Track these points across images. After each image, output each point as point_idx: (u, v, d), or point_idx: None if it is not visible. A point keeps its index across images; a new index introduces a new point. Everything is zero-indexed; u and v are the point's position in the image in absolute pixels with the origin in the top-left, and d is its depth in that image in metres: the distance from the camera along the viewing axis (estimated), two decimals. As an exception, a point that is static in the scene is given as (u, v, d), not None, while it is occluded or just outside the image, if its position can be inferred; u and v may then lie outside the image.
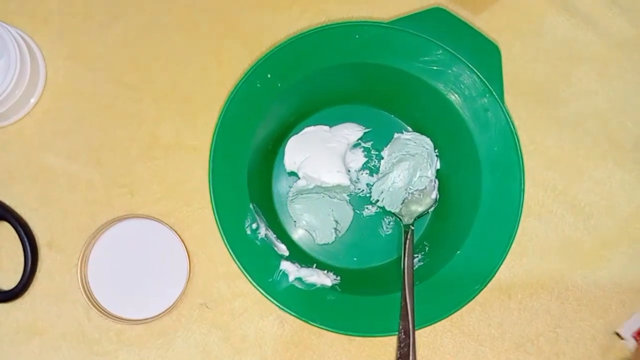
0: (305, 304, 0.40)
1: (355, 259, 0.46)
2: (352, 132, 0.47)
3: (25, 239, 0.43)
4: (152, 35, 0.47)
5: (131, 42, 0.47)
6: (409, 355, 0.40)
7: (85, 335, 0.44)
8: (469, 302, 0.41)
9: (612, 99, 0.50)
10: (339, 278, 0.43)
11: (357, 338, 0.42)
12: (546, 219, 0.48)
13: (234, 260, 0.40)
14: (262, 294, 0.40)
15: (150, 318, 0.43)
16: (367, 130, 0.47)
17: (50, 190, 0.45)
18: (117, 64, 0.47)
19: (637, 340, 0.46)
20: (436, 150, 0.46)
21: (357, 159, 0.47)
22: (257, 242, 0.41)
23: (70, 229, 0.45)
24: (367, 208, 0.47)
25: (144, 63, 0.47)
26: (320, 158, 0.45)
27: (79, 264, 0.44)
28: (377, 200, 0.46)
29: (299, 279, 0.41)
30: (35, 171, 0.45)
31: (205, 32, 0.47)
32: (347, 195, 0.47)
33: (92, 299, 0.43)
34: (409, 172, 0.46)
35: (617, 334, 0.47)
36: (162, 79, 0.47)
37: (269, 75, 0.42)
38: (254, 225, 0.41)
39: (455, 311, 0.41)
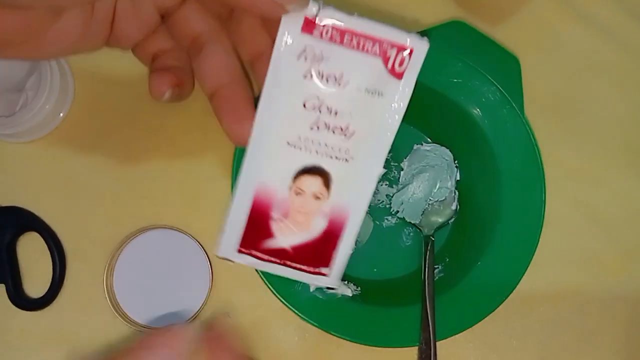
0: (326, 314, 0.41)
1: (375, 270, 0.46)
2: (371, 144, 0.47)
3: (54, 249, 0.44)
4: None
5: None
6: (429, 366, 0.40)
7: (111, 343, 0.45)
8: (490, 313, 0.41)
9: (631, 109, 0.49)
10: (359, 289, 0.44)
11: (378, 349, 0.42)
12: (567, 230, 0.48)
13: (256, 270, 0.40)
14: (283, 303, 0.40)
15: (174, 327, 0.44)
16: (386, 142, 0.47)
17: (77, 201, 0.46)
18: (140, 82, 0.48)
19: None
20: (456, 162, 0.47)
21: (377, 170, 0.47)
22: (278, 252, 0.41)
23: (96, 240, 0.46)
24: (387, 219, 0.47)
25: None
26: (341, 169, 0.46)
27: (105, 273, 0.44)
28: (397, 212, 0.46)
29: (320, 289, 0.41)
30: (63, 183, 0.46)
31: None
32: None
33: (117, 308, 0.44)
34: (429, 183, 0.46)
35: None
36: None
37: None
38: (276, 236, 0.42)
39: (477, 323, 0.41)
